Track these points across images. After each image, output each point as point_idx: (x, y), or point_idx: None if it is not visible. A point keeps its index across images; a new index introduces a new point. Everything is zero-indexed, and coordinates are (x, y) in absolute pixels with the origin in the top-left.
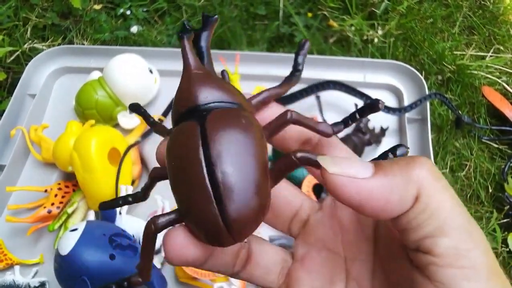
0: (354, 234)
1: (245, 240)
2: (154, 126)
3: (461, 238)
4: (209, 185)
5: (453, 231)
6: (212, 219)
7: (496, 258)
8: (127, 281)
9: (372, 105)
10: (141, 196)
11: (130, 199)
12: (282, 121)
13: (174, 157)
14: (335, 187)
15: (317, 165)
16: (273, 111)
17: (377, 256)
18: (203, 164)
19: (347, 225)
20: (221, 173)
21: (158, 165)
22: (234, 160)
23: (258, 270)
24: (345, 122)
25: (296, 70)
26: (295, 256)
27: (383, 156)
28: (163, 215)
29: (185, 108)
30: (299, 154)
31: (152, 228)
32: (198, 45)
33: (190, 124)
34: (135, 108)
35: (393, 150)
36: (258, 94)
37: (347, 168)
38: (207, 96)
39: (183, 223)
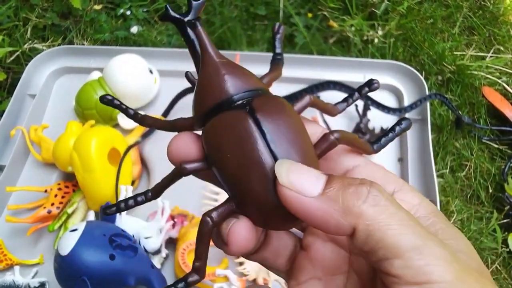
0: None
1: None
2: (136, 118)
3: (412, 257)
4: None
5: (404, 253)
6: (275, 203)
7: (463, 258)
8: (184, 282)
9: (369, 83)
10: (153, 195)
11: (140, 199)
12: (304, 104)
13: (228, 149)
14: (284, 199)
15: (352, 146)
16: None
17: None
18: (268, 153)
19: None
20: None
21: (159, 165)
22: (291, 145)
23: (270, 253)
24: (346, 100)
25: (276, 55)
26: (302, 245)
27: (391, 130)
28: (215, 209)
29: (218, 100)
30: (336, 135)
31: (210, 223)
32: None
33: (237, 115)
34: (107, 101)
35: (399, 124)
36: (261, 78)
37: (297, 183)
38: (239, 86)
39: (239, 214)
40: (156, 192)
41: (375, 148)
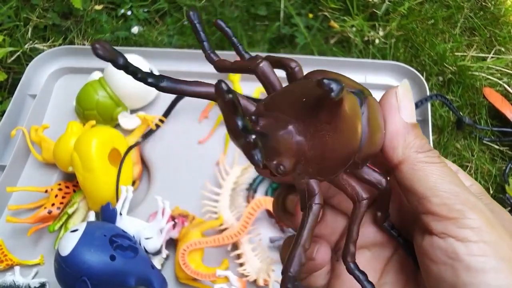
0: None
1: None
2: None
3: (447, 197)
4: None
5: (440, 192)
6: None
7: (494, 215)
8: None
9: None
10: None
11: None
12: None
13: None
14: (386, 101)
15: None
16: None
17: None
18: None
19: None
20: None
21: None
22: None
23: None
24: None
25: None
26: (333, 273)
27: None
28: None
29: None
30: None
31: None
32: None
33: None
34: (194, 16)
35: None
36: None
37: (404, 101)
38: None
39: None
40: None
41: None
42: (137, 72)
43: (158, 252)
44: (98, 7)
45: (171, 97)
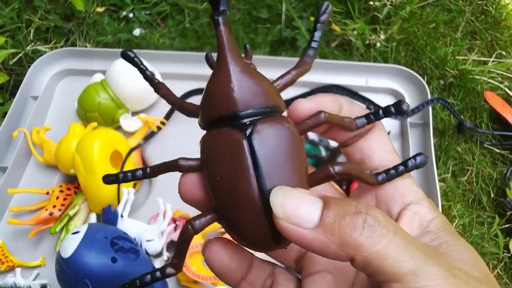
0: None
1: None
2: (152, 82)
3: (410, 281)
4: (260, 200)
5: (401, 277)
6: (262, 228)
7: (479, 269)
8: (160, 272)
9: (398, 106)
10: (150, 173)
11: (138, 173)
12: (315, 123)
13: (219, 167)
14: (282, 231)
15: (356, 178)
16: (303, 106)
17: None
18: (255, 181)
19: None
20: (270, 188)
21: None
22: (282, 176)
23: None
24: (368, 118)
25: (312, 43)
26: None
27: (404, 164)
28: (198, 217)
29: (223, 113)
30: (337, 168)
31: (191, 231)
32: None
33: (235, 137)
34: (127, 56)
35: (414, 158)
36: (282, 76)
37: (292, 214)
38: (248, 102)
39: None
40: (154, 171)
41: (380, 180)
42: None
43: (159, 255)
44: (100, 9)
45: None
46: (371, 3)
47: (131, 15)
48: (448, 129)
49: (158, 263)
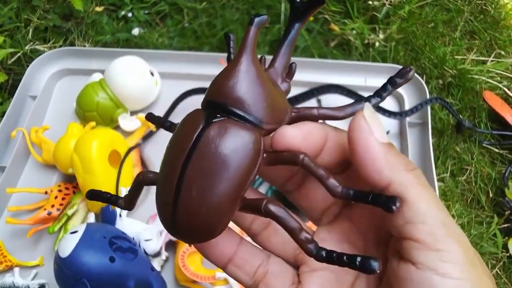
0: (372, 234)
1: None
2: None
3: (436, 226)
4: (175, 183)
5: (429, 219)
6: (168, 212)
7: (475, 251)
8: (114, 202)
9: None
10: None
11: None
12: (290, 160)
13: (171, 141)
14: (356, 127)
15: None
16: (288, 134)
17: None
18: (180, 167)
19: (367, 225)
20: (189, 181)
21: (159, 167)
22: (207, 177)
23: (276, 237)
24: (379, 96)
25: (373, 98)
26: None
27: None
28: (153, 172)
29: (209, 98)
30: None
31: (140, 178)
32: None
33: (199, 118)
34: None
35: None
36: (311, 108)
37: (373, 122)
38: (237, 102)
39: None
40: (128, 202)
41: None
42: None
43: (157, 254)
44: (98, 9)
45: (172, 99)
46: (370, 2)
47: (130, 14)
48: (447, 128)
49: (156, 263)
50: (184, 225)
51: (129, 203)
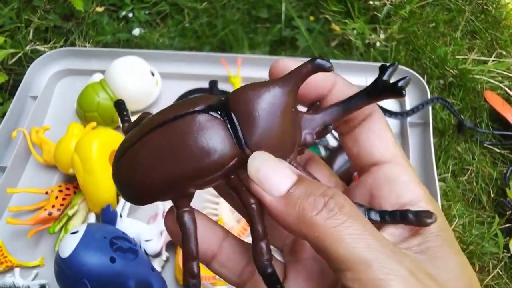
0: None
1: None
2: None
3: (362, 270)
4: (134, 139)
5: (353, 265)
6: (115, 157)
7: (463, 280)
8: (122, 121)
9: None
10: (124, 130)
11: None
12: (243, 199)
13: (172, 105)
14: (252, 192)
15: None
16: (286, 64)
17: None
18: (148, 129)
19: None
20: (141, 145)
21: None
22: (155, 151)
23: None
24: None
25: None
26: None
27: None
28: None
29: (228, 95)
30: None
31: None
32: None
33: (200, 101)
34: (119, 105)
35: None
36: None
37: (264, 178)
38: (240, 107)
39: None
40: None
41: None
42: None
43: (158, 254)
44: (99, 9)
45: (172, 99)
46: (371, 2)
47: (130, 15)
48: (448, 128)
49: (157, 263)
50: (117, 179)
51: (127, 132)
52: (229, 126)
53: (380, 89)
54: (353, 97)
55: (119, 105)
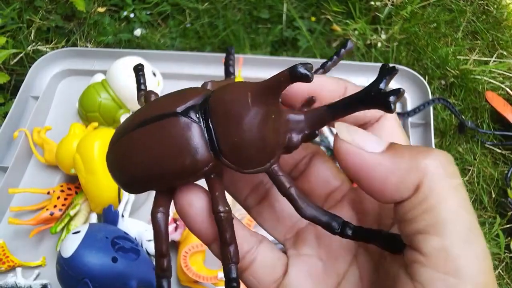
0: (372, 223)
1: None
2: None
3: (454, 242)
4: (129, 128)
5: (448, 232)
6: (111, 139)
7: (494, 280)
8: (138, 83)
9: (344, 44)
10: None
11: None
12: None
13: (167, 95)
14: (342, 153)
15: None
16: (298, 87)
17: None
18: (135, 124)
19: (368, 214)
20: (130, 139)
21: None
22: (137, 147)
23: (269, 213)
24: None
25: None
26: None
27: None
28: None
29: (212, 95)
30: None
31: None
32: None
33: (188, 97)
34: (137, 70)
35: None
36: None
37: (358, 139)
38: (217, 114)
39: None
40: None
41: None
42: None
43: None
44: (101, 10)
45: None
46: (372, 3)
47: (132, 15)
48: (449, 129)
49: None
50: (109, 162)
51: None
52: (205, 131)
53: (370, 99)
54: (342, 103)
55: (138, 71)
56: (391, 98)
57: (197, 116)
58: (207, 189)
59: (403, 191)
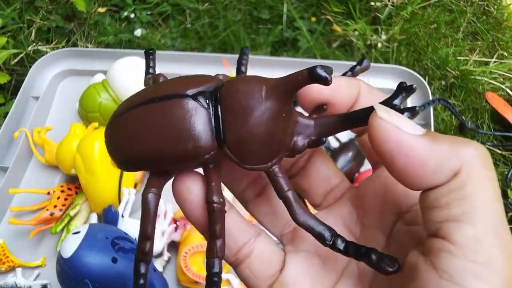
0: (374, 219)
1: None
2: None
3: (488, 233)
4: (129, 106)
5: (482, 222)
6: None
7: None
8: (147, 68)
9: (360, 62)
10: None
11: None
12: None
13: (171, 80)
14: (379, 131)
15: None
16: (314, 89)
17: (387, 250)
18: (141, 101)
19: (370, 210)
20: (129, 116)
21: None
22: (138, 126)
23: (266, 208)
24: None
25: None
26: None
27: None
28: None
29: (224, 84)
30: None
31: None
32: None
33: (200, 82)
34: (148, 54)
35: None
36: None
37: (397, 120)
38: (228, 105)
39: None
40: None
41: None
42: None
43: (159, 255)
44: (101, 10)
45: None
46: (372, 3)
47: (132, 15)
48: (449, 129)
49: (158, 263)
50: (107, 135)
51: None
52: (213, 119)
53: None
54: (354, 115)
55: (149, 55)
56: (405, 115)
57: (207, 102)
58: None
59: (441, 175)
